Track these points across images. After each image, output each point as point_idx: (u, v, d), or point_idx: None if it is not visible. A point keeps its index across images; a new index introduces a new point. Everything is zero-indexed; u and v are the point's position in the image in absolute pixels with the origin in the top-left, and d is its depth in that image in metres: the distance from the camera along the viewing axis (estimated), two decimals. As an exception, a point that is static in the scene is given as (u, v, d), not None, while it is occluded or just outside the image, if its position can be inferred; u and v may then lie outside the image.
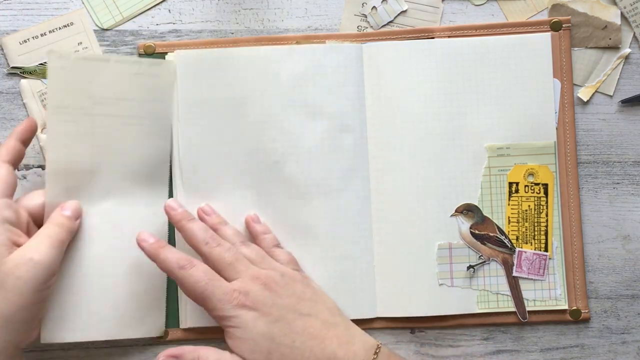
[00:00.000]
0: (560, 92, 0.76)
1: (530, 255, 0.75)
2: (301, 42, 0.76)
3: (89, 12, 0.77)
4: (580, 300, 0.75)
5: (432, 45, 0.76)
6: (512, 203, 0.75)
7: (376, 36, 0.77)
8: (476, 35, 0.76)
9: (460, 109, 0.75)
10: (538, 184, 0.75)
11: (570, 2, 0.77)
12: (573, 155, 0.76)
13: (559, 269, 0.75)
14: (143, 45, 0.76)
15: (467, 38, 0.76)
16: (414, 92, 0.75)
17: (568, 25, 0.76)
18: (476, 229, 0.75)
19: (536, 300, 0.75)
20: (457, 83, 0.75)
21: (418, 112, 0.75)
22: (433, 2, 0.78)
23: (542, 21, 0.77)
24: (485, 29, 0.76)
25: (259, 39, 0.77)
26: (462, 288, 0.75)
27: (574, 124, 0.76)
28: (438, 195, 0.75)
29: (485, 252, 0.75)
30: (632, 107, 0.77)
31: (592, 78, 0.77)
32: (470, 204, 0.75)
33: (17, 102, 0.77)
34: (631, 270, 0.76)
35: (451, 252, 0.75)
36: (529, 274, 0.75)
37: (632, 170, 0.77)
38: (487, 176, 0.75)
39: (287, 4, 0.78)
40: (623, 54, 0.77)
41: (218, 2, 0.78)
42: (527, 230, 0.75)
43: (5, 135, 0.76)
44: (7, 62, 0.77)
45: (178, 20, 0.78)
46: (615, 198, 0.77)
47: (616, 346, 0.76)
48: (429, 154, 0.75)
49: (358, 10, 0.78)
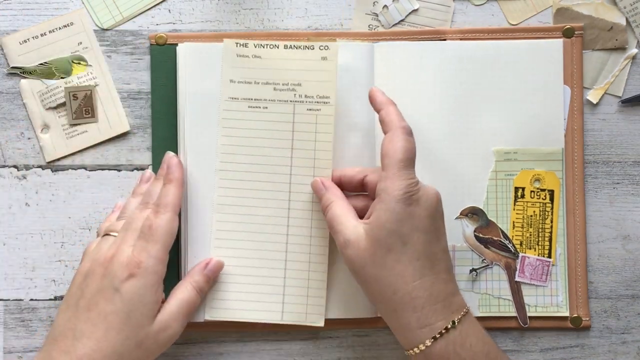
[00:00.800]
0: (570, 98, 0.75)
1: (533, 261, 0.75)
2: (312, 40, 0.75)
3: (89, 12, 0.76)
4: (581, 307, 0.76)
5: (443, 47, 0.75)
6: (517, 208, 0.75)
7: (387, 36, 0.76)
8: (488, 38, 0.76)
9: (469, 112, 0.75)
10: (544, 190, 0.75)
11: (575, 6, 0.76)
12: (580, 163, 0.76)
13: (561, 276, 0.75)
14: (154, 36, 0.76)
15: (478, 41, 0.76)
16: (423, 93, 0.75)
17: (580, 33, 0.76)
18: (480, 232, 0.75)
19: (537, 306, 0.75)
20: (467, 86, 0.75)
21: (427, 113, 0.75)
22: (444, 0, 0.77)
23: (554, 27, 0.76)
24: (496, 33, 0.76)
25: (270, 35, 0.76)
26: (464, 291, 0.75)
27: (582, 131, 0.76)
28: (444, 196, 0.74)
29: (488, 256, 0.75)
30: (632, 107, 0.77)
31: (600, 80, 0.77)
32: (475, 207, 0.75)
33: (17, 102, 0.76)
34: (631, 270, 0.77)
35: (454, 254, 0.75)
36: (531, 279, 0.75)
37: (632, 170, 0.77)
38: (494, 180, 0.75)
39: (287, 4, 0.77)
40: (630, 55, 0.77)
41: (218, 2, 0.77)
42: (531, 236, 0.75)
43: (6, 135, 0.76)
44: (7, 62, 0.76)
45: (178, 20, 0.77)
46: (615, 198, 0.77)
47: (616, 346, 0.77)
48: (436, 155, 0.75)
49: (369, 9, 0.77)
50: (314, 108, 0.73)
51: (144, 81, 0.77)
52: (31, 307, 0.76)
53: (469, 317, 0.66)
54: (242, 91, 0.73)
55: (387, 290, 0.65)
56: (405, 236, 0.64)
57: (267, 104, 0.73)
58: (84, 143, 0.76)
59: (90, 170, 0.76)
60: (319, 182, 0.71)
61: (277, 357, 0.76)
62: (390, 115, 0.68)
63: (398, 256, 0.64)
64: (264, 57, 0.73)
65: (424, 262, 0.65)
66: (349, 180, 0.72)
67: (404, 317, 0.65)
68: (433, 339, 0.64)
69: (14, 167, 0.76)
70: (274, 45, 0.73)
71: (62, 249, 0.76)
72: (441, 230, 0.67)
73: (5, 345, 0.76)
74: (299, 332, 0.76)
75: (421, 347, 0.65)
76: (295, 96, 0.73)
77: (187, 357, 0.76)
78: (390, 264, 0.64)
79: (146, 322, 0.67)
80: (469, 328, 0.66)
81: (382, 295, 0.66)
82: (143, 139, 0.77)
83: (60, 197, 0.76)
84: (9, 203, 0.76)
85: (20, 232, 0.76)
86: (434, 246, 0.65)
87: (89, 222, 0.76)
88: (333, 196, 0.70)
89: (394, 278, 0.65)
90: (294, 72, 0.73)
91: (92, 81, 0.76)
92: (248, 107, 0.73)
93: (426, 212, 0.65)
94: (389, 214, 0.64)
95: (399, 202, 0.64)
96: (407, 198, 0.64)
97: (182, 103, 0.74)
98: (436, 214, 0.66)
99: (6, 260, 0.76)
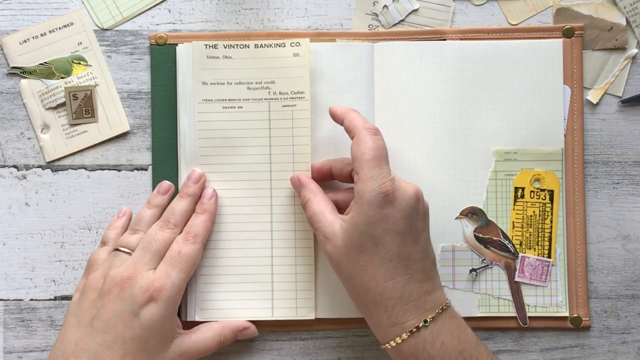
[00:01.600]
0: (570, 98, 0.75)
1: (533, 261, 0.75)
2: (312, 40, 0.75)
3: (89, 12, 0.76)
4: (581, 307, 0.76)
5: (443, 47, 0.75)
6: (517, 208, 0.75)
7: (387, 36, 0.76)
8: (488, 38, 0.76)
9: (469, 112, 0.75)
10: (544, 190, 0.75)
11: (575, 6, 0.76)
12: (580, 163, 0.76)
13: (561, 276, 0.75)
14: (154, 36, 0.76)
15: (478, 41, 0.76)
16: (423, 93, 0.75)
17: (580, 33, 0.76)
18: (480, 232, 0.75)
19: (537, 306, 0.75)
20: (466, 86, 0.75)
21: (427, 114, 0.75)
22: (444, 0, 0.77)
23: (554, 27, 0.76)
24: (496, 33, 0.76)
25: (270, 34, 0.76)
26: (464, 291, 0.75)
27: (582, 131, 0.76)
28: (443, 197, 0.75)
29: (488, 256, 0.75)
30: (632, 107, 0.77)
31: (600, 80, 0.77)
32: (475, 207, 0.75)
33: (17, 102, 0.76)
34: (631, 270, 0.77)
35: (454, 254, 0.75)
36: (531, 279, 0.75)
37: (632, 170, 0.77)
38: (493, 180, 0.75)
39: (287, 4, 0.77)
40: (630, 55, 0.77)
41: (218, 2, 0.77)
42: (531, 236, 0.75)
43: (6, 135, 0.76)
44: (7, 62, 0.76)
45: (178, 20, 0.77)
46: (615, 198, 0.77)
47: (616, 346, 0.77)
48: (436, 156, 0.75)
49: (369, 9, 0.77)
50: (289, 104, 0.74)
51: (144, 81, 0.77)
52: (31, 307, 0.76)
53: (445, 315, 0.66)
54: (216, 92, 0.74)
55: (360, 288, 0.66)
56: (378, 238, 0.64)
57: (241, 104, 0.74)
58: (84, 143, 0.76)
59: (90, 170, 0.76)
60: (295, 179, 0.72)
61: (277, 357, 0.76)
62: (353, 121, 0.68)
63: (370, 257, 0.65)
64: (234, 57, 0.74)
65: (396, 263, 0.65)
66: (339, 172, 0.72)
67: (376, 315, 0.66)
68: (403, 336, 0.65)
69: (14, 167, 0.76)
70: (244, 45, 0.74)
71: (62, 249, 0.76)
72: (419, 229, 0.66)
73: (5, 345, 0.76)
74: (298, 332, 0.76)
75: (392, 344, 0.66)
76: (270, 94, 0.74)
77: (187, 357, 0.76)
78: (362, 264, 0.65)
79: (162, 349, 0.68)
80: (442, 326, 0.66)
81: (355, 292, 0.67)
82: (143, 139, 0.77)
83: (60, 197, 0.76)
84: (9, 203, 0.76)
85: (20, 232, 0.76)
86: (410, 247, 0.65)
87: (89, 222, 0.76)
88: (310, 193, 0.70)
89: (367, 277, 0.65)
90: (267, 70, 0.74)
91: (92, 81, 0.76)
92: (222, 108, 0.74)
93: (402, 213, 0.65)
94: (362, 216, 0.65)
95: (371, 205, 0.64)
96: (380, 199, 0.64)
97: (182, 103, 0.74)
98: (414, 213, 0.66)
99: (6, 260, 0.76)
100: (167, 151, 0.76)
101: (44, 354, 0.76)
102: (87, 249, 0.76)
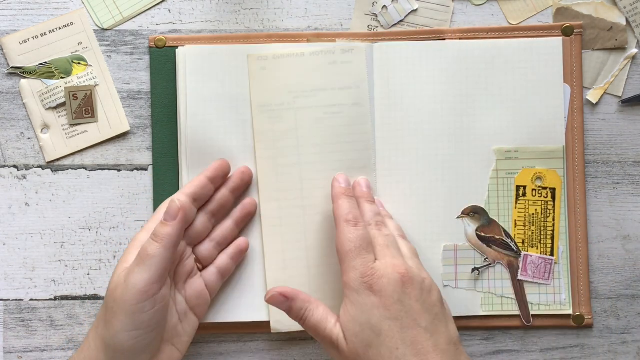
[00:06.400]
0: (570, 96, 0.75)
1: (535, 259, 0.75)
2: (312, 40, 0.75)
3: (89, 12, 0.77)
4: (584, 306, 0.76)
5: (443, 47, 0.75)
6: (519, 206, 0.75)
7: (387, 36, 0.76)
8: (487, 37, 0.76)
9: (470, 111, 0.75)
10: (546, 188, 0.75)
11: (575, 5, 0.77)
12: (581, 160, 0.76)
13: (564, 274, 0.75)
14: (154, 39, 0.76)
15: (478, 40, 0.76)
16: (423, 93, 0.75)
17: (579, 31, 0.76)
18: (482, 231, 0.75)
19: (540, 305, 0.75)
20: (467, 85, 0.75)
21: (427, 113, 0.75)
22: (444, 1, 0.77)
23: (553, 26, 0.76)
24: (496, 32, 0.76)
25: (270, 36, 0.76)
26: (467, 290, 0.75)
27: (582, 129, 0.76)
28: (445, 196, 0.75)
29: (490, 255, 0.75)
30: (632, 107, 0.77)
31: (600, 80, 0.77)
32: (476, 207, 0.75)
33: (17, 102, 0.76)
34: (631, 270, 0.77)
35: (456, 253, 0.75)
36: (534, 277, 0.75)
37: (632, 170, 0.77)
38: (495, 179, 0.75)
39: (287, 4, 0.77)
40: (630, 55, 0.77)
41: (218, 2, 0.77)
42: (533, 234, 0.75)
43: (6, 135, 0.76)
44: (7, 62, 0.76)
45: (178, 20, 0.77)
46: (615, 198, 0.77)
47: (616, 346, 0.76)
48: (437, 155, 0.75)
49: (368, 9, 0.77)
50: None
51: (143, 81, 0.77)
52: (31, 307, 0.76)
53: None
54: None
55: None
56: (377, 327, 0.64)
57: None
58: (84, 143, 0.76)
59: (90, 170, 0.76)
60: (278, 297, 0.68)
61: (277, 357, 0.76)
62: (336, 210, 0.69)
63: (377, 349, 0.64)
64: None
65: (404, 349, 0.63)
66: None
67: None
68: None
69: (14, 167, 0.76)
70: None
71: (62, 249, 0.76)
72: (414, 310, 0.65)
73: (5, 345, 0.75)
74: (299, 332, 0.75)
75: None
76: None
77: (187, 357, 0.75)
78: (373, 359, 0.64)
79: None
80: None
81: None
82: (143, 139, 0.76)
83: (60, 197, 0.76)
84: (9, 203, 0.76)
85: (20, 232, 0.76)
86: (412, 330, 0.64)
87: (89, 222, 0.76)
88: (304, 304, 0.68)
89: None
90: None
91: (92, 81, 0.76)
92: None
93: (391, 299, 0.64)
94: (355, 306, 0.65)
95: (360, 294, 0.64)
96: (365, 288, 0.64)
97: (182, 105, 0.74)
98: (403, 296, 0.65)
99: (6, 260, 0.76)
100: (167, 151, 0.76)
101: (44, 354, 0.76)
102: (87, 249, 0.76)
